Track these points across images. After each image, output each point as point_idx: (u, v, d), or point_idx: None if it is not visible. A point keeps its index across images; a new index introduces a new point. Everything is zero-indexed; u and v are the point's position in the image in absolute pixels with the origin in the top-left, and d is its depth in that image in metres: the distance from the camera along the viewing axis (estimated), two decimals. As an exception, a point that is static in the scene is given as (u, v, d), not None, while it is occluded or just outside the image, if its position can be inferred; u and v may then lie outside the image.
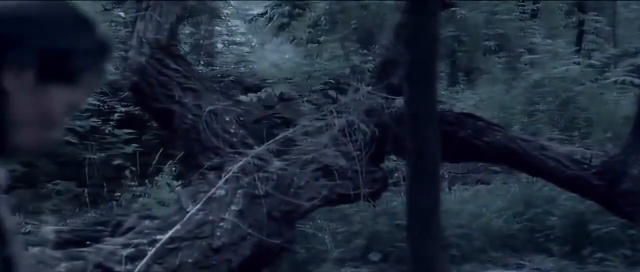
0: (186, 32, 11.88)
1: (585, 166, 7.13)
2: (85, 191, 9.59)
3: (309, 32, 10.41)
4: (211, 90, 6.93)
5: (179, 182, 8.54)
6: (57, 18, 2.00)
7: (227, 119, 6.58)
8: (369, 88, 7.04)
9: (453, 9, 11.95)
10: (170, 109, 6.63)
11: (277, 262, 6.59)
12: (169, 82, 6.66)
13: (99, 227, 6.63)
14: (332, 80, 9.66)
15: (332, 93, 10.31)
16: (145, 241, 5.47)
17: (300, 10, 11.40)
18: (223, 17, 13.59)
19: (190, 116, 6.57)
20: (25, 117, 2.00)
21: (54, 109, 2.03)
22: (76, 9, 2.15)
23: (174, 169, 8.97)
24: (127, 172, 9.39)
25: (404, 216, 7.96)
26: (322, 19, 10.51)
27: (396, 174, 8.80)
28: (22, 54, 1.96)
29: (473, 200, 9.44)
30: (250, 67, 12.29)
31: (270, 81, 11.25)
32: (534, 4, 16.13)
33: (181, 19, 7.04)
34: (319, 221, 8.28)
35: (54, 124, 2.06)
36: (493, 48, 14.50)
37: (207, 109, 6.52)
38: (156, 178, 8.90)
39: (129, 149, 9.83)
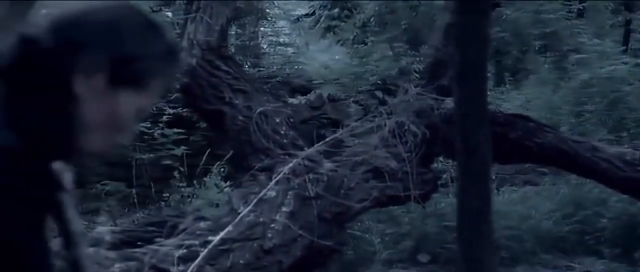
0: (231, 33, 11.90)
1: (638, 167, 7.06)
2: (134, 191, 9.64)
3: (356, 33, 10.41)
4: (261, 91, 6.95)
5: (228, 183, 8.56)
6: (127, 23, 2.01)
7: (277, 120, 6.60)
8: (419, 89, 7.01)
9: (499, 8, 11.87)
10: (221, 111, 6.66)
11: (327, 263, 6.59)
12: (219, 83, 6.68)
13: (150, 228, 6.65)
14: (380, 82, 9.66)
15: (378, 93, 10.28)
16: (197, 242, 5.50)
17: (348, 12, 11.41)
18: (269, 18, 13.61)
19: (240, 118, 6.59)
20: (94, 121, 2.01)
21: (123, 113, 2.04)
22: (145, 14, 2.16)
23: (222, 169, 8.98)
24: (175, 173, 9.42)
25: (453, 217, 7.93)
26: (371, 20, 10.50)
27: (444, 175, 8.75)
28: (92, 59, 1.97)
29: (522, 201, 9.36)
30: (297, 68, 12.30)
31: (317, 82, 11.26)
32: (580, 3, 15.98)
33: (230, 21, 7.06)
34: (367, 222, 8.26)
35: (122, 127, 2.08)
36: (539, 48, 14.39)
37: (258, 111, 6.54)
38: (204, 179, 8.92)
39: (178, 151, 9.86)
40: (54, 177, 2.16)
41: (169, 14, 10.93)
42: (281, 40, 14.23)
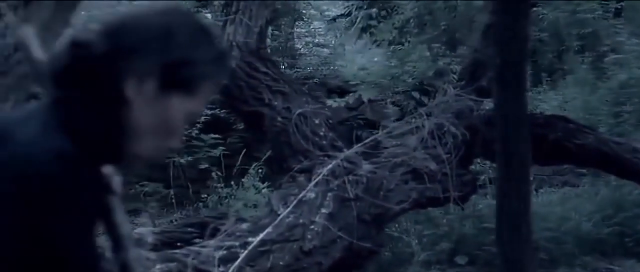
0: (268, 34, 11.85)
1: (680, 169, 7.00)
2: (172, 192, 9.69)
3: (394, 34, 10.38)
4: (300, 93, 6.96)
5: (265, 184, 8.58)
6: (178, 27, 2.02)
7: (316, 121, 6.60)
8: (458, 90, 6.99)
9: (536, 8, 11.78)
10: (260, 112, 6.68)
11: (365, 265, 6.59)
12: (258, 85, 6.70)
13: (188, 229, 6.69)
14: (419, 83, 9.65)
15: (415, 94, 10.25)
16: (237, 243, 5.51)
17: (385, 12, 11.38)
18: (305, 19, 13.61)
19: (279, 119, 6.60)
20: (145, 125, 2.02)
21: (173, 118, 2.05)
22: (196, 18, 2.17)
23: (259, 170, 9.01)
24: (213, 174, 9.46)
25: (491, 219, 7.88)
26: (410, 21, 10.45)
27: (482, 177, 8.71)
28: (144, 63, 1.98)
29: (561, 203, 9.29)
30: (333, 68, 12.29)
31: (353, 83, 11.26)
32: (617, 2, 15.82)
33: (270, 22, 7.07)
34: (405, 224, 8.24)
35: (172, 132, 2.09)
36: (577, 48, 14.27)
37: (297, 112, 6.55)
38: (242, 180, 8.95)
39: (216, 151, 9.90)
40: (104, 181, 2.18)
41: (208, 15, 10.96)
42: (317, 41, 14.22)
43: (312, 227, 5.76)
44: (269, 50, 11.20)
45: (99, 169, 2.11)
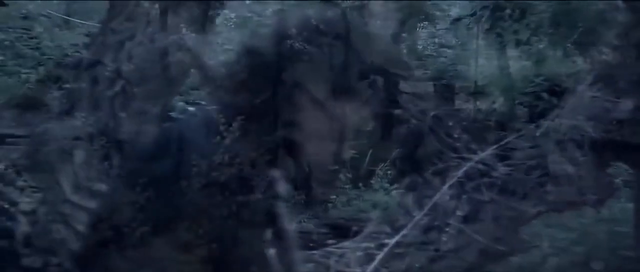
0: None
1: None
2: (299, 193, 9.73)
3: (528, 35, 10.21)
4: (433, 94, 6.96)
5: (394, 186, 8.55)
6: (348, 35, 2.05)
7: (450, 123, 6.56)
8: (594, 92, 6.84)
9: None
10: (395, 114, 6.67)
11: (499, 268, 6.53)
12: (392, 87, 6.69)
13: (321, 230, 6.75)
14: (552, 84, 9.47)
15: (544, 96, 10.07)
16: (373, 245, 5.53)
17: (514, 13, 11.21)
18: (431, 20, 13.48)
19: (414, 121, 6.58)
20: (316, 131, 2.07)
21: (345, 125, 2.09)
22: (364, 25, 2.20)
23: (388, 172, 8.98)
24: (341, 176, 9.47)
25: (626, 223, 7.71)
26: (543, 21, 10.28)
27: (617, 180, 8.49)
28: (314, 69, 2.02)
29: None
30: (460, 69, 12.16)
31: (482, 84, 11.13)
32: None
33: (403, 24, 7.08)
34: (536, 227, 8.09)
35: (343, 139, 2.12)
36: None
37: (431, 114, 6.52)
38: (370, 181, 8.95)
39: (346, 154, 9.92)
40: (273, 185, 2.23)
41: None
42: (442, 41, 14.06)
43: (446, 229, 5.75)
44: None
45: (269, 173, 2.16)
